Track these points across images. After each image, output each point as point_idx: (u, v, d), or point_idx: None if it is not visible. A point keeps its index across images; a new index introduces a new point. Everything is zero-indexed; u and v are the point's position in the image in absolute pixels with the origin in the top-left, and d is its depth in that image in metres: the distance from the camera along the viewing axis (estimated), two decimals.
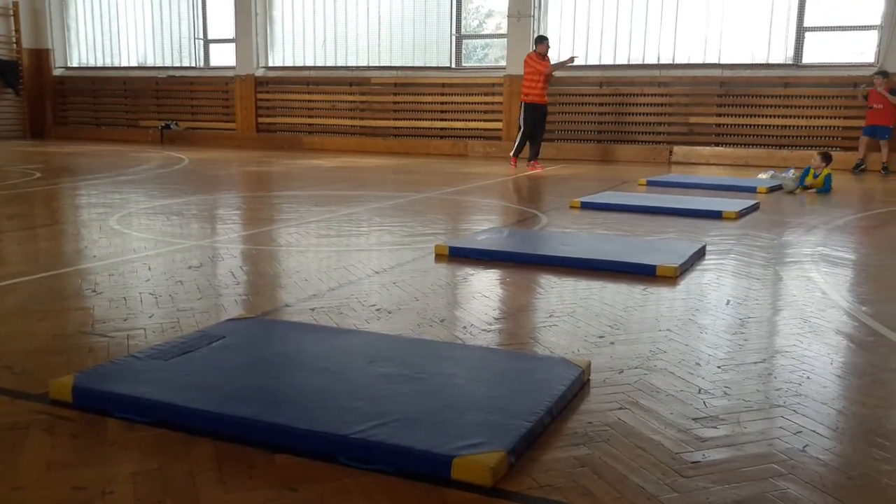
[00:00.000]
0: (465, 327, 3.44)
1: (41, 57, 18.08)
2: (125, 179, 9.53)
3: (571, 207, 7.33)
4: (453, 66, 14.79)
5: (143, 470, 2.07)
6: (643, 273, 4.46)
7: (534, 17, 13.67)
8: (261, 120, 16.21)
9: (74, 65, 18.39)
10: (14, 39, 17.59)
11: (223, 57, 16.84)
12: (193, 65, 17.18)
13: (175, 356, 2.79)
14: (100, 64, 18.22)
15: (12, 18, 17.46)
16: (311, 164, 12.05)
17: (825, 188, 8.93)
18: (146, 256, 4.84)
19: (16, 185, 8.62)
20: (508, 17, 13.83)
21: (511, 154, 11.88)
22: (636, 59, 13.47)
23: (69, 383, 2.49)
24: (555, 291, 4.15)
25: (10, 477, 2.02)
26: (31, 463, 2.10)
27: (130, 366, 2.67)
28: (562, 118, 13.73)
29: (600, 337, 3.31)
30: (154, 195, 8.03)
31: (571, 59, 11.66)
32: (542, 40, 11.58)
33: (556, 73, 11.83)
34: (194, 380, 2.57)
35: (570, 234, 5.90)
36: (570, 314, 3.67)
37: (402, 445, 2.11)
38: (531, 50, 11.85)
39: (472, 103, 14.52)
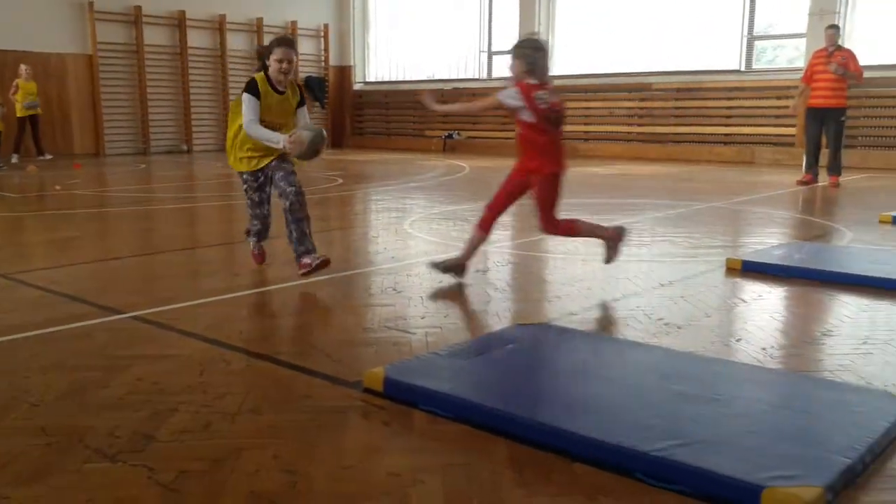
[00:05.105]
0: (763, 349, 3.22)
1: (344, 73, 19.97)
2: (414, 186, 10.19)
3: (881, 222, 6.60)
4: (743, 69, 14.00)
5: (451, 463, 2.18)
6: None
7: (839, 13, 12.51)
8: None
9: (371, 80, 20.07)
10: (322, 58, 19.61)
11: (505, 68, 17.40)
12: (476, 76, 17.96)
13: (472, 356, 2.92)
14: (392, 78, 19.71)
15: (322, 39, 19.48)
16: (587, 172, 12.05)
17: None
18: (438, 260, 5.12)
19: (324, 190, 9.59)
20: (809, 15, 12.79)
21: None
22: None
23: (381, 375, 2.70)
24: (866, 315, 3.75)
25: (338, 456, 2.23)
26: (353, 445, 2.30)
27: (434, 362, 2.84)
28: (867, 123, 12.42)
29: None
30: (440, 201, 8.51)
31: None
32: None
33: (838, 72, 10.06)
34: (492, 380, 2.67)
35: (883, 251, 5.30)
36: (887, 342, 3.29)
37: (707, 469, 2.02)
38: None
39: (763, 108, 13.63)
